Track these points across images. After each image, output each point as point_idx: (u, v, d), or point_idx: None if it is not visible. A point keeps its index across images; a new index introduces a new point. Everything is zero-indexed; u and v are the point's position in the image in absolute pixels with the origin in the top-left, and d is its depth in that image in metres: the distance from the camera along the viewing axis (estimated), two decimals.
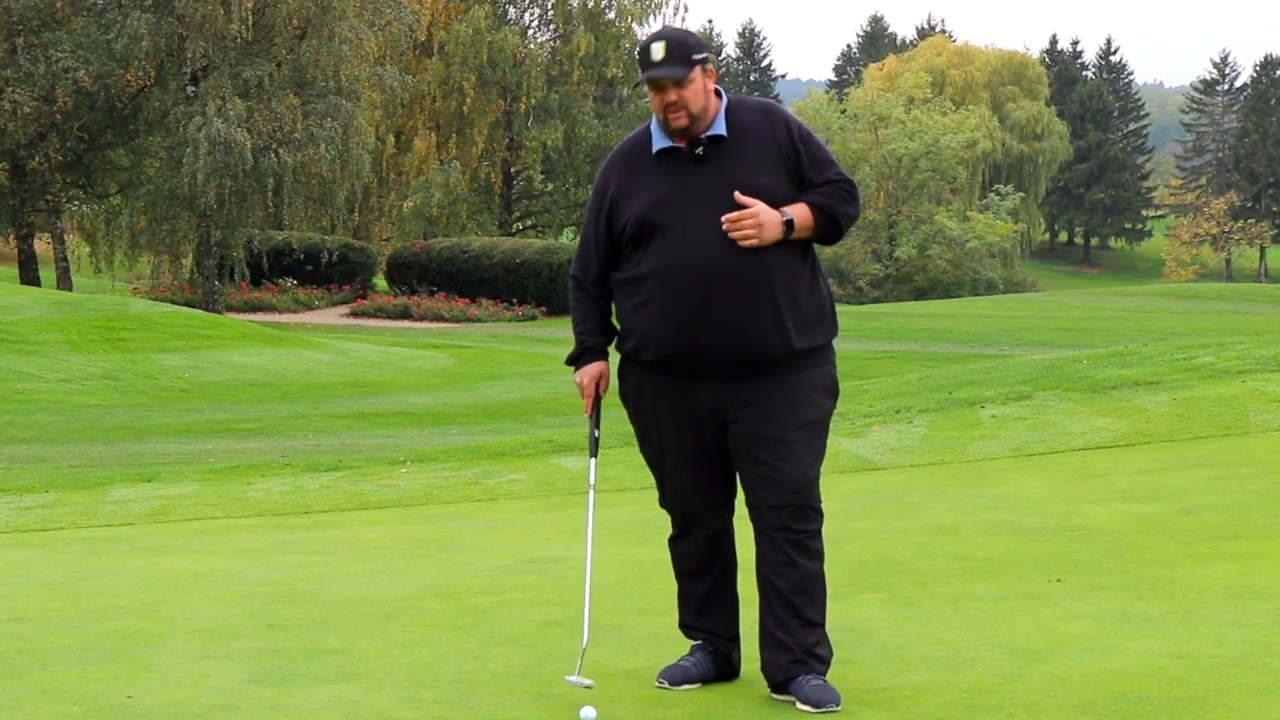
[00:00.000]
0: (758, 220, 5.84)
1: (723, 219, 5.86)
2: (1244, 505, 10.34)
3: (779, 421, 5.96)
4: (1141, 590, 7.83)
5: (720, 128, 5.99)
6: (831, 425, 6.18)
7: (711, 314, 5.90)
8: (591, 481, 6.43)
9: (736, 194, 5.87)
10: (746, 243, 5.84)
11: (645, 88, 6.02)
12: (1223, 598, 7.57)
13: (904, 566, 8.75)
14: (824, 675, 5.97)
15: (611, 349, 6.26)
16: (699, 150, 5.97)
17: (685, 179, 5.97)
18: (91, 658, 7.11)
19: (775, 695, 6.03)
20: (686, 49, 5.91)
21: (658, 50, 5.91)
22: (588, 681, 6.09)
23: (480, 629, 7.43)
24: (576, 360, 6.26)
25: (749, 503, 6.04)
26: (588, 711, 5.82)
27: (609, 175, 6.14)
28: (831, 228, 6.01)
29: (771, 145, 5.99)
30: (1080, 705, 5.78)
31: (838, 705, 5.84)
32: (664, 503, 6.29)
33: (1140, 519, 10.00)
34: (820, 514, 6.03)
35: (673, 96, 5.91)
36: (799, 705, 5.88)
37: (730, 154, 5.97)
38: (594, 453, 6.43)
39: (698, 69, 5.92)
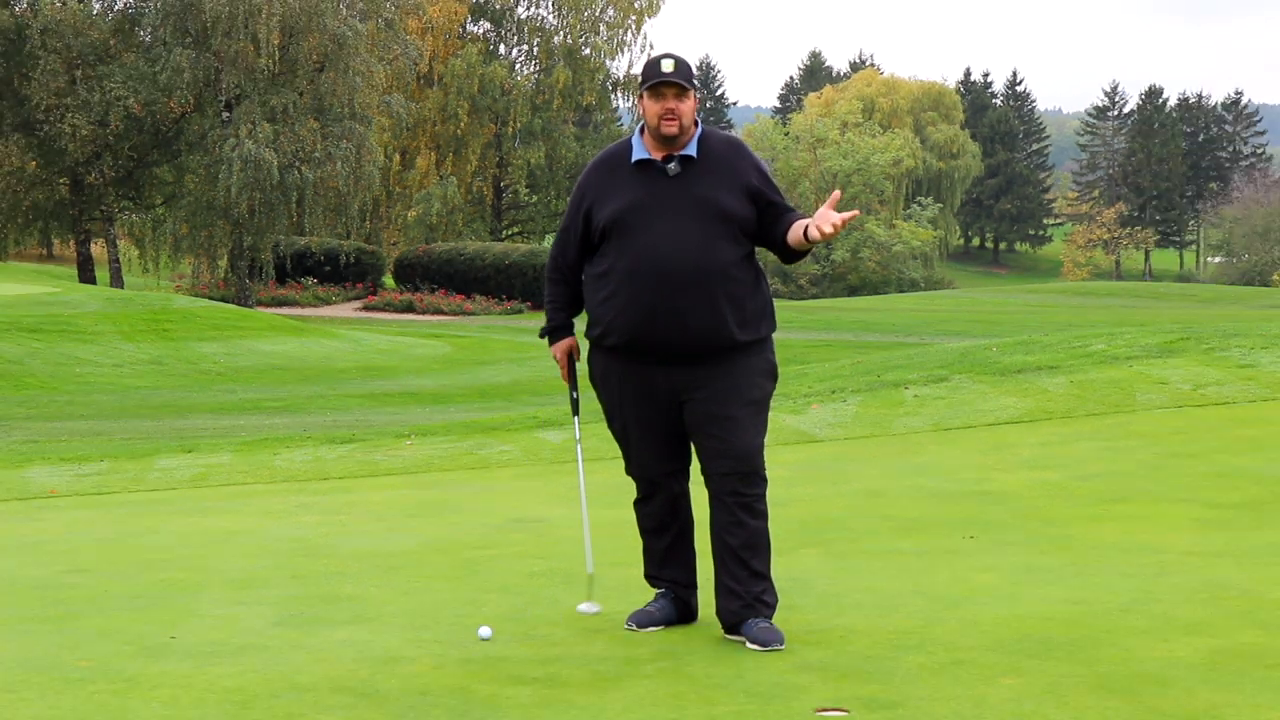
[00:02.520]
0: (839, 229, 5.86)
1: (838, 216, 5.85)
2: (1131, 473, 10.37)
3: (727, 401, 5.97)
4: (1043, 546, 7.85)
5: (692, 149, 5.99)
6: (774, 404, 6.21)
7: (667, 307, 5.90)
8: (577, 436, 6.53)
9: (834, 194, 5.96)
10: (828, 236, 5.82)
11: (640, 102, 6.00)
12: (1113, 552, 7.59)
13: (839, 525, 8.75)
14: (770, 619, 5.97)
15: (581, 335, 6.27)
16: (671, 164, 5.96)
17: (657, 188, 5.97)
18: (140, 604, 7.09)
19: (728, 636, 6.03)
20: (689, 69, 5.96)
21: (668, 64, 5.93)
22: (596, 608, 6.33)
23: (475, 579, 7.42)
24: (550, 335, 6.32)
25: (704, 471, 6.04)
26: (484, 630, 6.03)
27: (589, 178, 6.14)
28: (803, 251, 6.03)
29: (734, 173, 5.99)
30: (991, 645, 5.79)
31: (782, 644, 5.85)
32: (629, 471, 6.30)
33: (1042, 484, 10.03)
34: (765, 480, 6.03)
35: (672, 104, 5.91)
36: (748, 645, 5.88)
37: (699, 173, 5.97)
38: (575, 411, 6.51)
39: (692, 90, 5.94)
